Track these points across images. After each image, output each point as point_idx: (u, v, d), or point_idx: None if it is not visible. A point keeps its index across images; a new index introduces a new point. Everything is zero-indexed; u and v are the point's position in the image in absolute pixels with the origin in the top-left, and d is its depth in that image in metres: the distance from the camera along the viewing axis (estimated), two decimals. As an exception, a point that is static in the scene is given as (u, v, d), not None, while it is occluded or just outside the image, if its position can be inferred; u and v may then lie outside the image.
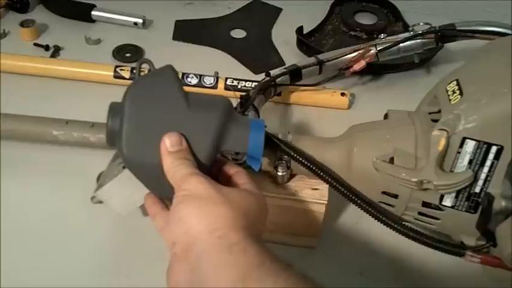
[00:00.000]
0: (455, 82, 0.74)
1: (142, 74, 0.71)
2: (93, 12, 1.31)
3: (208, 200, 0.60)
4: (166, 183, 0.64)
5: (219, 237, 0.57)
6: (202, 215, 0.59)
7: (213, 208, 0.60)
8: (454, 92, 0.73)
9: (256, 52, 1.29)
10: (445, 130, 0.70)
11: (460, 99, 0.71)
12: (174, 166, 0.64)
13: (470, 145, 0.70)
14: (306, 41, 1.23)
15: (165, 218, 0.67)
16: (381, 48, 1.09)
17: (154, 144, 0.65)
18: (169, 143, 0.64)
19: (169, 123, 0.65)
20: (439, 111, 0.75)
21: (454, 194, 0.74)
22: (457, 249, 0.74)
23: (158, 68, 0.69)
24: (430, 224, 0.78)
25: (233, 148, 0.68)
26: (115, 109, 0.67)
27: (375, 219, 0.77)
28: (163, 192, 0.69)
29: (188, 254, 0.58)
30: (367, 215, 0.78)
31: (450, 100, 0.73)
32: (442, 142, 0.70)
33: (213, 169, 0.68)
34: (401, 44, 1.09)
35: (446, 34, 1.08)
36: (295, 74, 1.07)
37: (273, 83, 1.03)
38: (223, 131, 0.66)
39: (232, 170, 0.70)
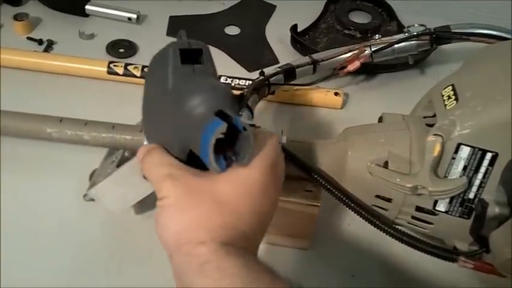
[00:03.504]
0: (450, 87, 0.74)
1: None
2: (87, 7, 1.30)
3: (176, 207, 0.57)
4: None
5: (187, 254, 0.54)
6: (170, 227, 0.56)
7: (179, 217, 0.56)
8: (449, 97, 0.73)
9: (250, 49, 1.28)
10: (440, 136, 0.70)
11: (455, 105, 0.71)
12: (148, 162, 0.62)
13: (465, 151, 0.70)
14: (300, 39, 1.23)
15: None
16: (375, 49, 1.09)
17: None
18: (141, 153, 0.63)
19: (158, 103, 0.64)
20: (434, 116, 0.75)
21: (447, 200, 0.74)
22: (450, 254, 0.74)
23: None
24: (423, 228, 0.78)
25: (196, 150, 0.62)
26: None
27: (369, 222, 0.77)
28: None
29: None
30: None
31: (445, 105, 0.73)
32: (437, 148, 0.70)
33: None
34: (395, 45, 1.09)
35: (441, 36, 1.09)
36: (290, 73, 1.07)
37: (267, 82, 1.03)
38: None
39: None
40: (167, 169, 0.60)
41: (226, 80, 1.12)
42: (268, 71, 1.05)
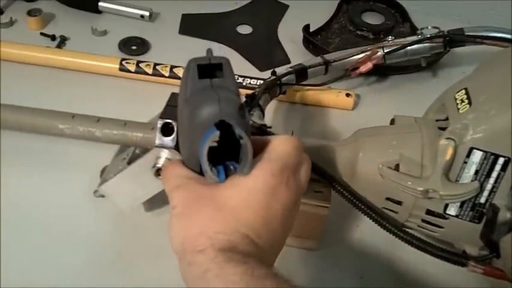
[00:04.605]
0: (464, 91, 0.74)
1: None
2: (100, 3, 1.30)
3: (181, 215, 0.58)
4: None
5: (190, 263, 0.54)
6: (176, 236, 0.57)
7: (183, 225, 0.57)
8: (462, 101, 0.73)
9: (262, 49, 1.28)
10: (452, 139, 0.70)
11: (468, 109, 0.71)
12: (163, 176, 0.66)
13: (477, 155, 0.70)
14: (312, 39, 1.23)
15: None
16: (388, 50, 1.08)
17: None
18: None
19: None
20: (447, 119, 0.75)
21: (458, 204, 0.73)
22: (459, 258, 0.73)
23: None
24: (433, 231, 0.78)
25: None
26: None
27: (378, 225, 0.76)
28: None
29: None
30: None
31: (458, 109, 0.72)
32: (450, 151, 0.70)
33: None
34: (408, 47, 1.09)
35: (454, 39, 1.08)
36: (301, 74, 1.07)
37: (278, 81, 1.02)
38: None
39: None
40: (177, 180, 0.62)
41: (238, 79, 1.11)
42: (279, 70, 1.05)
